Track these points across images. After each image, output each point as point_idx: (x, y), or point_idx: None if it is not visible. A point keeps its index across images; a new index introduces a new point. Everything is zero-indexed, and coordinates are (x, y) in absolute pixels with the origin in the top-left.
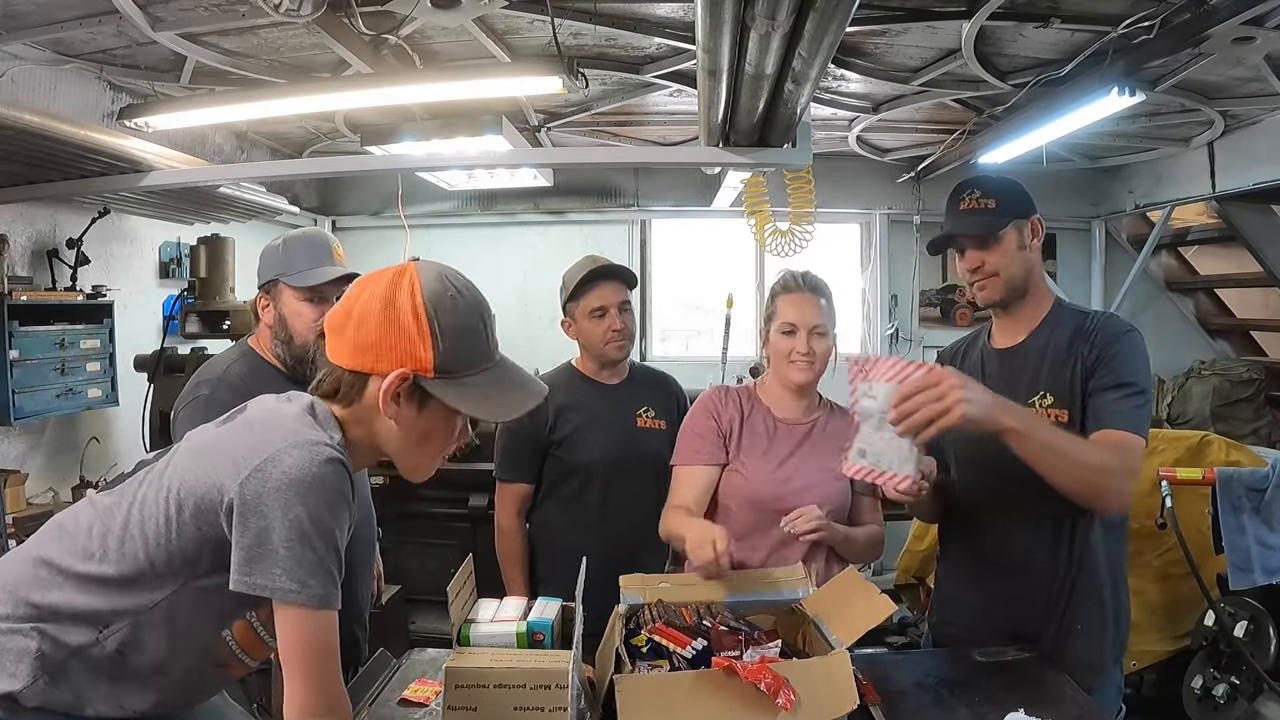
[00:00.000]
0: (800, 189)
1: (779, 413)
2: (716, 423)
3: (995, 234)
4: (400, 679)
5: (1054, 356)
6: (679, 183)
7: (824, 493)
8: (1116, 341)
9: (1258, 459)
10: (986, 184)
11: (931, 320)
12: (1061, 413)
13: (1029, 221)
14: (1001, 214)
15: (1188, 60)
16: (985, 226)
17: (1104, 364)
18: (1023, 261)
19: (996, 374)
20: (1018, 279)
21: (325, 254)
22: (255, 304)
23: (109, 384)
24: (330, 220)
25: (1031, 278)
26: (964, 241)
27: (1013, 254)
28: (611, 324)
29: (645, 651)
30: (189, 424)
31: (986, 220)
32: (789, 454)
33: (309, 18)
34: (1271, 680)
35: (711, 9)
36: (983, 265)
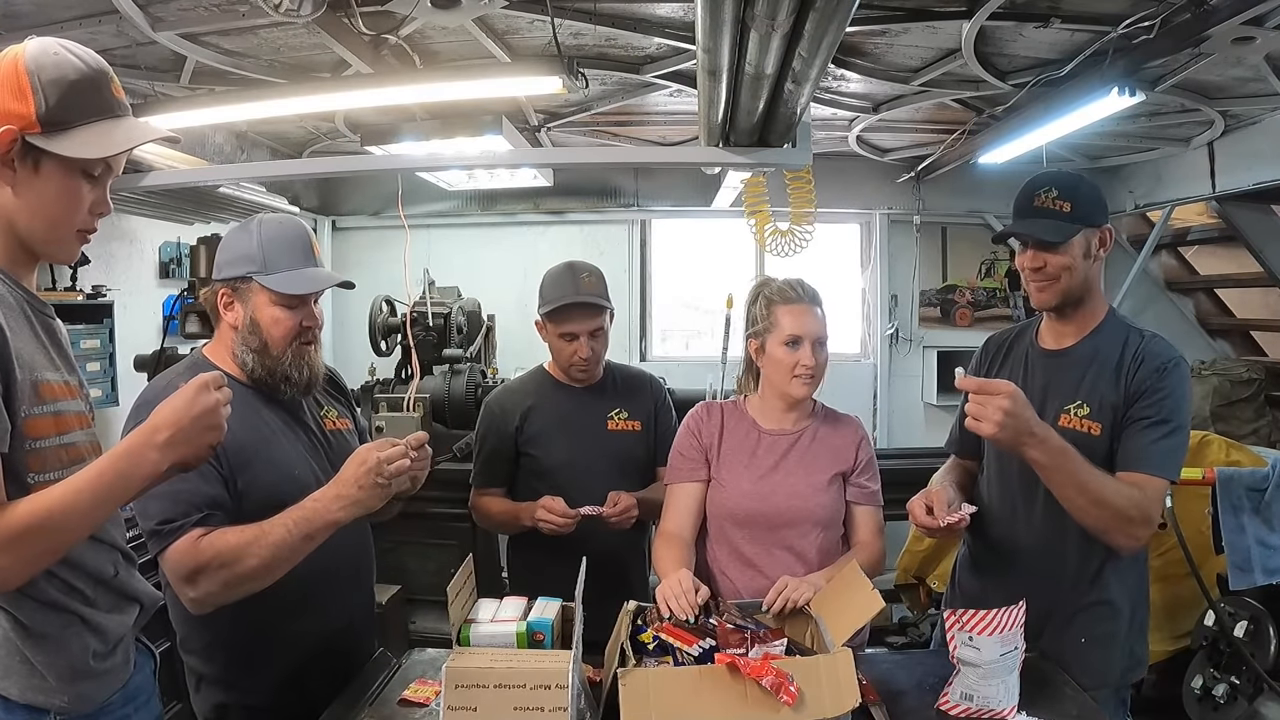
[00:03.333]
0: (800, 189)
1: (765, 424)
2: (697, 439)
3: (1067, 239)
4: (400, 679)
5: (1098, 370)
6: (679, 183)
7: (808, 506)
8: (1163, 375)
9: (1258, 459)
10: (1064, 184)
11: (931, 320)
12: (1095, 425)
13: (1100, 231)
14: (1075, 219)
15: (1188, 60)
16: (1056, 231)
17: (1146, 396)
18: (1085, 270)
19: (1039, 375)
20: (1076, 287)
21: (307, 252)
22: (213, 299)
23: (109, 384)
24: (330, 220)
25: (1090, 287)
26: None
27: (1077, 261)
28: (579, 351)
29: (652, 649)
30: None
31: (1058, 224)
32: (772, 466)
33: (309, 18)
34: (1271, 680)
35: (711, 9)
36: (1045, 266)
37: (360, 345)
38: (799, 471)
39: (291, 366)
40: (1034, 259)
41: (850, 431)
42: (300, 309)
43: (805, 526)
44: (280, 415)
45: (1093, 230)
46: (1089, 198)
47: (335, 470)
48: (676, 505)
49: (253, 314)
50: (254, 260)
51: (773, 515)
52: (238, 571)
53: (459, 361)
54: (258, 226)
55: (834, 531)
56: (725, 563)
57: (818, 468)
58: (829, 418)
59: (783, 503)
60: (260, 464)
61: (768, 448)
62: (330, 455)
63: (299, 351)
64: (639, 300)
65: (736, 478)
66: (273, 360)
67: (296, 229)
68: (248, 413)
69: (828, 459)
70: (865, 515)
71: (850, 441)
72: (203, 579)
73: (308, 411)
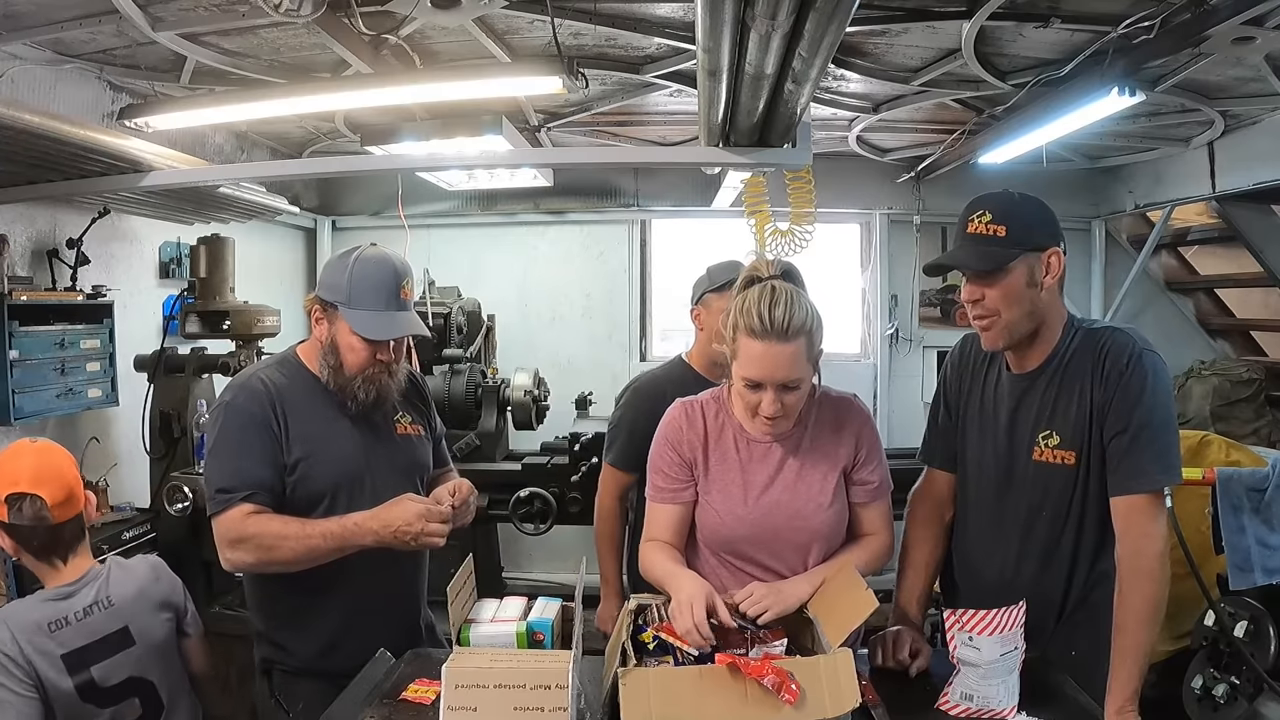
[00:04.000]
0: (800, 189)
1: (753, 429)
2: (677, 453)
3: (1001, 267)
4: (400, 679)
5: (1063, 392)
6: (679, 183)
7: (810, 525)
8: (1122, 375)
9: (1258, 459)
10: (1000, 206)
11: (931, 320)
12: (1069, 454)
13: (1044, 256)
14: (1010, 245)
15: (1188, 60)
16: (988, 259)
17: (1116, 406)
18: (1029, 301)
19: (1009, 399)
20: (1019, 322)
21: (393, 297)
22: (309, 308)
23: (109, 384)
24: (330, 220)
25: (1043, 318)
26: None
27: (1018, 293)
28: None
29: (652, 649)
30: (210, 429)
31: (991, 251)
32: (767, 482)
33: (309, 18)
34: (1271, 680)
35: (711, 9)
36: (983, 299)
37: None
38: (797, 485)
39: (360, 389)
40: (970, 291)
41: (849, 419)
42: (377, 345)
43: (806, 545)
44: (360, 427)
45: (1034, 255)
46: (1028, 218)
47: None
48: (662, 522)
49: (334, 337)
50: (341, 292)
51: (770, 539)
52: (272, 556)
53: (459, 361)
54: (354, 261)
55: (837, 539)
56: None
57: (817, 476)
58: (825, 405)
59: (781, 523)
60: (319, 456)
61: (758, 459)
62: (394, 458)
63: (370, 378)
64: (639, 300)
65: (728, 500)
66: (345, 380)
67: (388, 271)
68: (322, 409)
69: (827, 463)
70: (871, 512)
71: (851, 432)
72: (241, 549)
73: (382, 415)
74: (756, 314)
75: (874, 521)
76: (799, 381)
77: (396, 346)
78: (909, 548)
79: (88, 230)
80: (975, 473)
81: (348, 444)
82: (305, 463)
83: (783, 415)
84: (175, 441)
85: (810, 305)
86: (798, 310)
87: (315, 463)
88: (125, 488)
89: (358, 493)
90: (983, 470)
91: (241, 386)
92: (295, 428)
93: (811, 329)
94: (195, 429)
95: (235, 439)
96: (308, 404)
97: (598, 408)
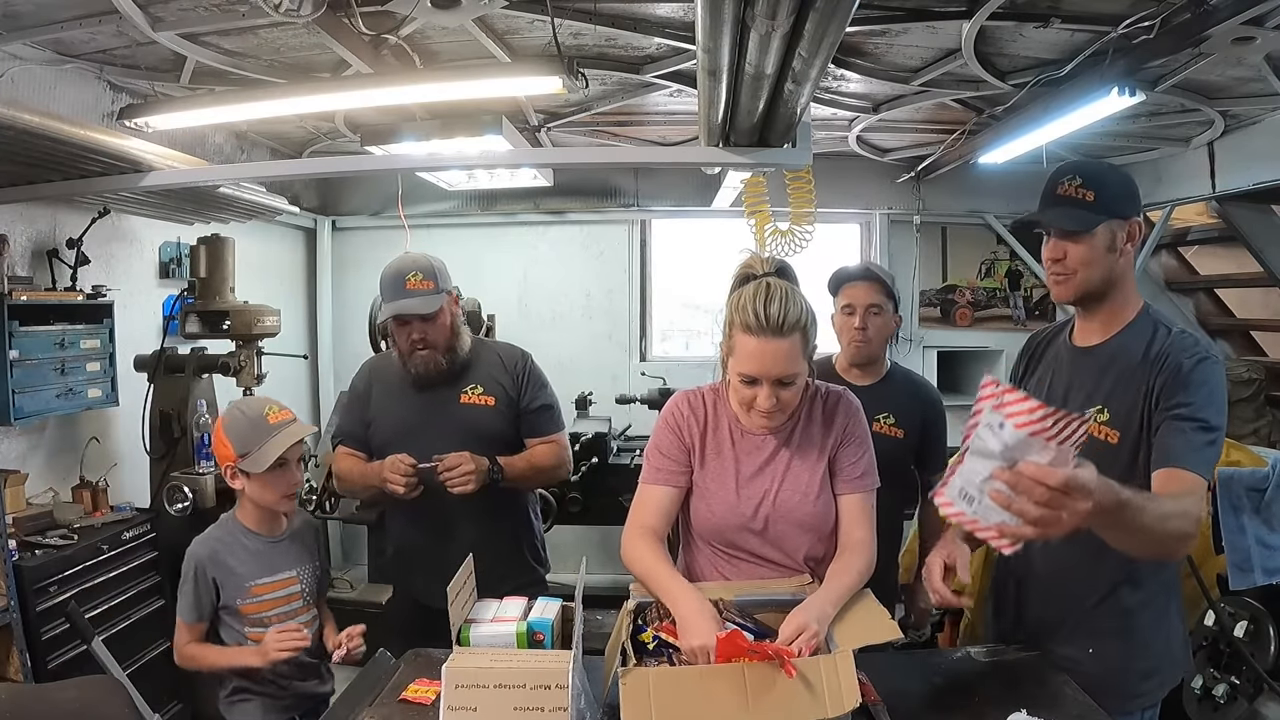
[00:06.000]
0: (800, 189)
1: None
2: (679, 437)
3: (1089, 229)
4: (400, 679)
5: (1120, 372)
6: (679, 183)
7: (798, 515)
8: (1191, 369)
9: (1258, 459)
10: (1089, 172)
11: (931, 320)
12: (1113, 433)
13: (1128, 223)
14: (1098, 209)
15: (1188, 60)
16: (1077, 220)
17: (1178, 391)
18: (1108, 265)
19: (1068, 372)
20: (1095, 282)
21: (400, 289)
22: None
23: (109, 384)
24: (330, 220)
25: (1116, 283)
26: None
27: (1099, 255)
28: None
29: (652, 649)
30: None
31: (1079, 214)
32: (756, 471)
33: (309, 18)
34: (1271, 680)
35: (711, 9)
36: (1064, 257)
37: (360, 345)
38: (788, 477)
39: (411, 365)
40: (1053, 249)
41: (840, 412)
42: (407, 327)
43: (796, 535)
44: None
45: (1119, 222)
46: (1116, 188)
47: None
48: (653, 505)
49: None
50: (381, 291)
51: (760, 529)
52: (341, 484)
53: None
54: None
55: (827, 533)
56: (705, 571)
57: (807, 469)
58: (817, 399)
59: (772, 515)
60: (383, 418)
61: (751, 450)
62: (450, 422)
63: (415, 357)
64: (639, 300)
65: (722, 489)
66: (403, 359)
67: (399, 266)
68: (399, 384)
69: (817, 455)
70: (852, 506)
71: (839, 423)
72: (335, 479)
73: (450, 387)
74: (752, 310)
75: (854, 519)
76: (794, 377)
77: (425, 328)
78: None
79: (88, 230)
80: None
81: (407, 410)
82: (375, 422)
83: (778, 410)
84: (175, 441)
85: (804, 302)
86: (792, 307)
87: (380, 422)
88: (125, 488)
89: (410, 447)
90: None
91: (361, 369)
92: (376, 397)
93: (806, 325)
94: (195, 429)
95: (345, 404)
96: (391, 380)
97: (597, 408)
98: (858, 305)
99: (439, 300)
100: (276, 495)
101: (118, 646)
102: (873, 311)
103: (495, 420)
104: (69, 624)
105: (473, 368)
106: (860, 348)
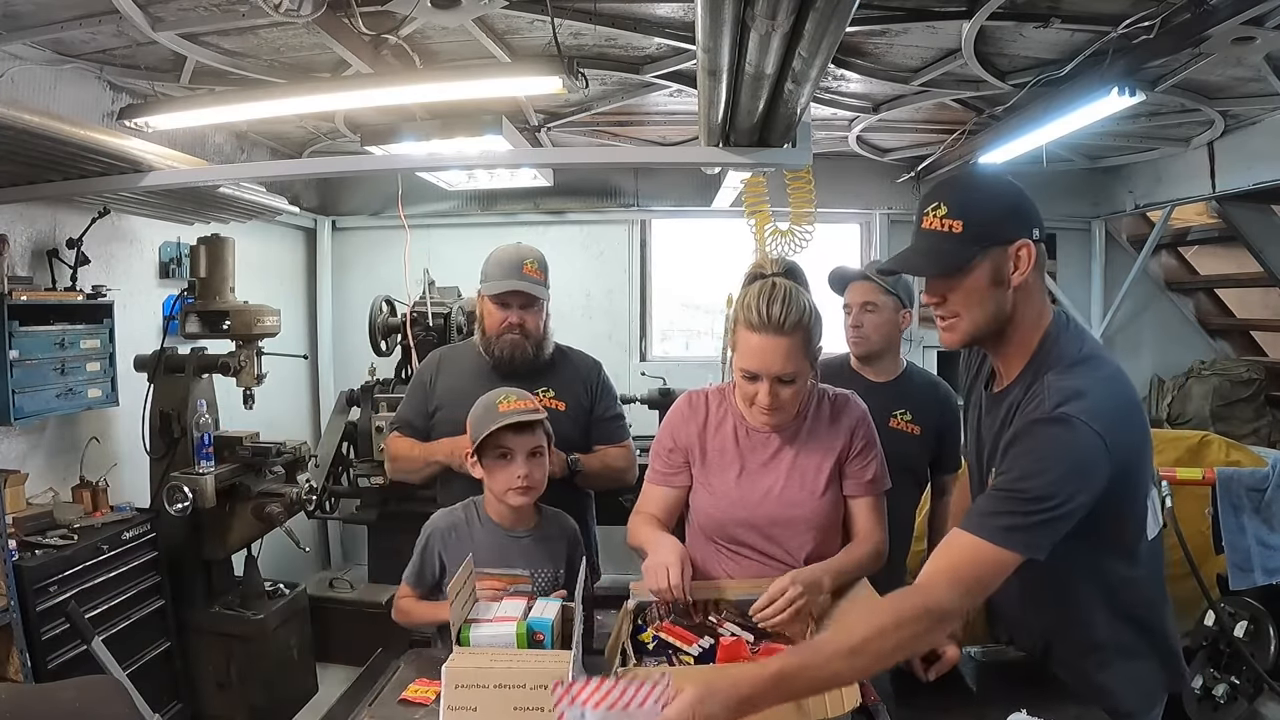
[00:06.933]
0: (800, 189)
1: (751, 418)
2: (674, 440)
3: (960, 268)
4: (400, 679)
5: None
6: (679, 183)
7: (802, 513)
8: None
9: (1258, 459)
10: (955, 197)
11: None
12: None
13: (1010, 249)
14: (969, 241)
15: (1188, 60)
16: (942, 261)
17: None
18: (995, 302)
19: (985, 419)
20: (984, 325)
21: (515, 270)
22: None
23: (109, 384)
24: (330, 220)
25: (1012, 319)
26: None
27: (981, 293)
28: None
29: (652, 649)
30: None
31: (946, 251)
32: (762, 467)
33: (309, 18)
34: (1271, 680)
35: (711, 9)
36: (943, 301)
37: (360, 345)
38: (792, 474)
39: (495, 346)
40: (930, 290)
41: (847, 414)
42: (507, 309)
43: (799, 532)
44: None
45: (1000, 249)
46: (988, 210)
47: None
48: (655, 499)
49: (481, 309)
50: (482, 274)
51: (763, 525)
52: (395, 465)
53: None
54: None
55: (831, 533)
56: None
57: (812, 466)
58: (824, 400)
59: (774, 510)
60: (454, 407)
61: (756, 447)
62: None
63: (504, 339)
64: (639, 300)
65: (724, 484)
66: (487, 340)
67: (517, 251)
68: (471, 374)
69: (823, 454)
70: (863, 507)
71: (847, 425)
72: (388, 460)
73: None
74: (755, 308)
75: (865, 517)
76: (794, 375)
77: (524, 315)
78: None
79: (88, 230)
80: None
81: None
82: (442, 407)
83: (778, 407)
84: (175, 441)
85: (809, 303)
86: (795, 306)
87: (449, 407)
88: (125, 488)
89: None
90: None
91: (428, 355)
92: (443, 385)
93: (809, 325)
94: (195, 429)
95: (408, 392)
96: (465, 369)
97: None
98: (854, 304)
99: (546, 292)
100: (500, 487)
101: (118, 646)
102: (868, 309)
103: (564, 425)
104: (69, 624)
105: (549, 372)
106: (858, 344)
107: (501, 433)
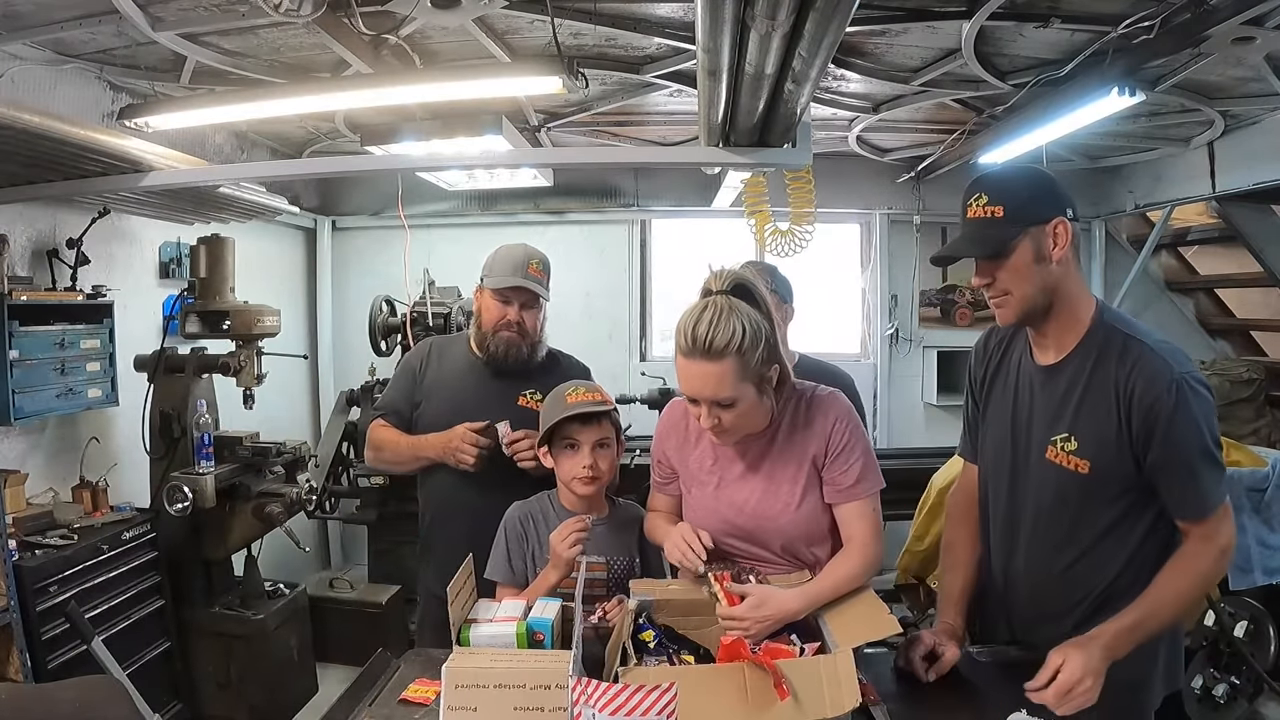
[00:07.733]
0: (800, 189)
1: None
2: (661, 451)
3: (1004, 248)
4: (400, 679)
5: (1087, 395)
6: (679, 183)
7: (778, 524)
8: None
9: (1258, 459)
10: (994, 185)
11: (931, 320)
12: (1083, 463)
13: (1048, 228)
14: (1011, 223)
15: (1188, 60)
16: (989, 244)
17: (1156, 442)
18: (1040, 277)
19: (1039, 393)
20: (1034, 298)
21: (520, 269)
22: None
23: (109, 384)
24: (330, 220)
25: (1058, 293)
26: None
27: (1026, 270)
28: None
29: (652, 648)
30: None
31: (991, 234)
32: (734, 481)
33: (309, 18)
34: (1271, 680)
35: (711, 9)
36: (993, 281)
37: (360, 345)
38: (767, 486)
39: (491, 342)
40: (980, 273)
41: (821, 416)
42: (508, 306)
43: (781, 541)
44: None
45: (1039, 228)
46: (1025, 194)
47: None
48: (658, 502)
49: (480, 303)
50: (485, 269)
51: (745, 536)
52: (378, 454)
53: None
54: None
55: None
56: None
57: (786, 477)
58: (803, 402)
59: (751, 524)
60: (440, 400)
61: (732, 459)
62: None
63: (500, 335)
64: (639, 300)
65: (703, 496)
66: (483, 335)
67: (525, 251)
68: (462, 370)
69: (796, 464)
70: (848, 514)
71: (821, 431)
72: (370, 447)
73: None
74: (684, 331)
75: (851, 523)
76: (731, 400)
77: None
78: (947, 547)
79: (88, 230)
80: (992, 464)
81: (465, 394)
82: (429, 397)
83: (723, 430)
84: (175, 441)
85: (745, 325)
86: (723, 331)
87: (435, 398)
88: (125, 488)
89: None
90: (998, 462)
91: (419, 343)
92: (432, 375)
93: (744, 349)
94: (195, 429)
95: (394, 377)
96: (456, 361)
97: None
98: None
99: (547, 294)
100: (566, 476)
101: (118, 646)
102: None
103: None
104: (69, 624)
105: (539, 374)
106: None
107: (568, 423)
